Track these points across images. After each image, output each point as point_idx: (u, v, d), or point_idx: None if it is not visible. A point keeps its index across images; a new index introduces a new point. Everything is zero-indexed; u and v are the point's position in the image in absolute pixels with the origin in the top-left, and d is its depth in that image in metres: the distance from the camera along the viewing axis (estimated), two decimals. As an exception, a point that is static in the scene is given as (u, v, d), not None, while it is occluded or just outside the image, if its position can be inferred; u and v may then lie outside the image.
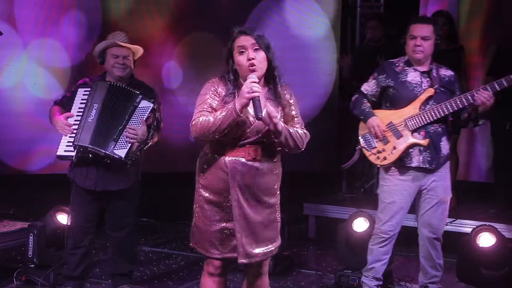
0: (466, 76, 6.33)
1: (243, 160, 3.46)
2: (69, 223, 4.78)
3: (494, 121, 6.38)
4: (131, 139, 4.40)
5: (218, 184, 3.49)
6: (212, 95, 3.48)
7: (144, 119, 4.44)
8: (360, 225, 5.14)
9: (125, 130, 4.41)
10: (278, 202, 3.63)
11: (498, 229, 4.89)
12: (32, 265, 4.99)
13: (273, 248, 3.61)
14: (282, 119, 3.52)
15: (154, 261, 5.87)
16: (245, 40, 3.44)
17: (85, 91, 4.55)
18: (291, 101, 3.59)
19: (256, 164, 3.48)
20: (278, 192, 3.63)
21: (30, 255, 4.99)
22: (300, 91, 7.52)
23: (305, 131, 3.62)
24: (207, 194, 3.52)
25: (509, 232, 5.56)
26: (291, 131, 3.50)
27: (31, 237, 4.99)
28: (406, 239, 5.02)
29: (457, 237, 5.27)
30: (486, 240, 4.77)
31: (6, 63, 6.63)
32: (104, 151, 4.39)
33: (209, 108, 3.46)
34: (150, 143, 4.52)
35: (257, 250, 3.54)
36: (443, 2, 7.19)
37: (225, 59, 3.53)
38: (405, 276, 5.20)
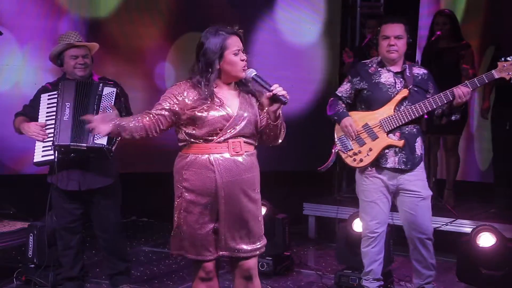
0: (469, 74, 6.30)
1: (228, 155, 3.46)
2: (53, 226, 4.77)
3: (494, 121, 6.39)
4: None
5: (205, 184, 3.46)
6: (175, 99, 3.46)
7: (113, 103, 4.42)
8: (360, 225, 5.13)
9: None
10: (260, 199, 3.62)
11: (498, 229, 4.89)
12: (32, 265, 4.99)
13: (259, 246, 3.58)
14: (259, 109, 3.55)
15: (154, 261, 5.87)
16: (239, 42, 3.49)
17: (49, 95, 4.56)
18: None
19: (240, 158, 3.48)
20: (259, 189, 3.61)
21: (30, 255, 4.99)
22: (300, 91, 7.61)
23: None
24: (193, 197, 3.49)
25: (509, 232, 5.55)
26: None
27: (31, 237, 4.99)
28: (406, 239, 5.00)
29: (457, 237, 5.27)
30: (486, 240, 4.77)
31: (6, 63, 6.63)
32: (85, 145, 4.38)
33: (165, 106, 3.46)
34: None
35: (241, 245, 3.52)
36: (444, 1, 7.20)
37: (205, 60, 3.47)
38: (405, 276, 5.20)
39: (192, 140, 3.48)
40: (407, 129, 4.48)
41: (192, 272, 3.68)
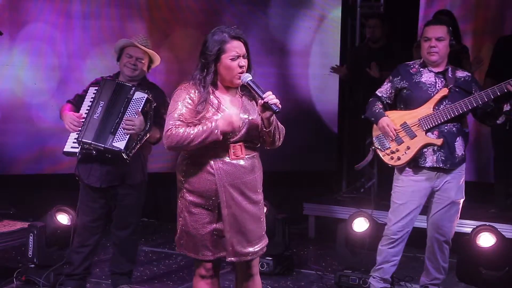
0: None
1: (228, 159, 3.46)
2: (74, 222, 4.80)
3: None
4: (129, 130, 4.38)
5: (204, 187, 3.46)
6: (186, 102, 3.43)
7: (140, 110, 4.41)
8: (360, 225, 5.14)
9: (122, 122, 4.39)
10: (262, 199, 3.62)
11: (498, 229, 4.89)
12: (32, 265, 4.98)
13: (263, 246, 3.59)
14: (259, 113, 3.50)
15: (154, 261, 5.87)
16: (239, 48, 3.43)
17: (95, 89, 4.58)
18: None
19: (241, 162, 3.48)
20: (261, 189, 3.62)
21: (30, 255, 4.99)
22: (300, 91, 7.60)
23: (282, 126, 3.61)
24: (194, 198, 3.49)
25: (509, 232, 5.56)
26: (277, 122, 3.51)
27: (31, 237, 4.99)
28: (407, 239, 5.00)
29: (457, 237, 5.26)
30: (486, 240, 4.77)
31: (6, 63, 6.64)
32: (103, 145, 4.38)
33: (180, 117, 3.40)
34: (149, 135, 4.49)
35: (248, 249, 3.52)
36: (443, 1, 7.20)
37: (204, 60, 3.45)
38: (405, 276, 5.20)
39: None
40: (446, 128, 4.45)
41: (193, 269, 3.68)
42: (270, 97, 3.34)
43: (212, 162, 3.45)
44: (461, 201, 4.56)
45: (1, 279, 5.01)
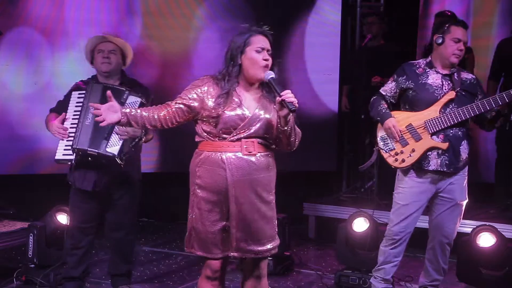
0: None
1: (240, 154, 3.47)
2: (67, 224, 4.79)
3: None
4: (122, 135, 4.37)
5: (215, 182, 3.47)
6: (195, 94, 3.47)
7: None
8: (360, 225, 5.14)
9: (116, 127, 4.36)
10: (274, 200, 3.63)
11: (498, 229, 4.89)
12: (32, 265, 4.99)
13: (270, 247, 3.58)
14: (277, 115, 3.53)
15: (154, 261, 5.87)
16: (265, 42, 3.49)
17: (79, 94, 4.53)
18: None
19: (252, 158, 3.49)
20: (274, 191, 3.63)
21: (30, 255, 4.99)
22: (301, 91, 7.60)
23: (299, 130, 3.64)
24: (205, 194, 3.50)
25: (509, 232, 5.56)
26: (294, 124, 3.53)
27: (31, 237, 4.99)
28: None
29: (457, 237, 5.26)
30: (486, 240, 4.77)
31: (6, 63, 6.63)
32: (97, 151, 4.36)
33: (184, 101, 3.47)
34: (144, 139, 4.50)
35: (252, 247, 3.52)
36: (442, 2, 7.20)
37: (230, 54, 3.51)
38: (405, 276, 5.20)
39: (207, 137, 3.50)
40: (451, 131, 4.41)
41: (194, 271, 3.68)
42: (288, 96, 3.37)
43: (224, 157, 3.46)
44: (464, 202, 4.55)
45: (1, 279, 5.01)
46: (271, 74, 3.47)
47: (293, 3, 7.44)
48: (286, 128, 3.47)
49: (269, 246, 3.58)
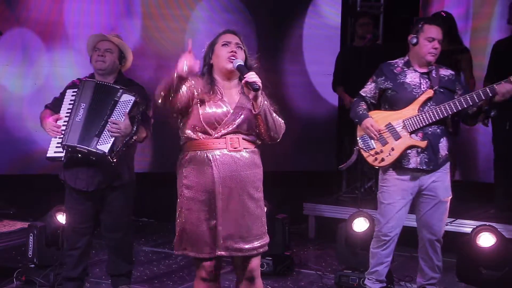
0: (468, 79, 6.30)
1: (226, 151, 3.49)
2: (62, 225, 4.78)
3: (495, 122, 6.38)
4: (114, 133, 4.33)
5: (202, 180, 3.48)
6: (185, 87, 3.48)
7: (127, 112, 4.36)
8: (360, 225, 5.14)
9: (107, 124, 4.34)
10: (262, 198, 3.62)
11: (498, 229, 4.90)
12: (32, 265, 4.99)
13: (258, 245, 3.55)
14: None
15: (154, 261, 5.87)
16: (231, 37, 3.60)
17: (73, 92, 4.52)
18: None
19: (238, 155, 3.50)
20: (261, 188, 3.62)
21: (30, 255, 4.99)
22: (300, 91, 7.60)
23: (282, 120, 3.64)
24: (192, 194, 3.50)
25: (509, 232, 5.56)
26: (270, 109, 3.54)
27: (31, 237, 4.99)
28: (406, 239, 5.01)
29: (457, 237, 5.27)
30: (486, 240, 4.77)
31: (6, 63, 6.64)
32: (87, 148, 4.33)
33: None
34: (136, 138, 4.46)
35: (240, 245, 3.50)
36: (442, 2, 7.21)
37: (203, 56, 3.63)
38: (405, 276, 5.20)
39: (191, 136, 3.52)
40: (430, 129, 4.44)
41: (194, 271, 3.67)
42: (251, 76, 3.41)
43: (210, 155, 3.48)
44: (449, 199, 4.57)
45: (1, 279, 5.01)
46: (238, 62, 3.52)
47: (292, 3, 7.44)
48: (258, 111, 3.47)
49: (256, 244, 3.54)
